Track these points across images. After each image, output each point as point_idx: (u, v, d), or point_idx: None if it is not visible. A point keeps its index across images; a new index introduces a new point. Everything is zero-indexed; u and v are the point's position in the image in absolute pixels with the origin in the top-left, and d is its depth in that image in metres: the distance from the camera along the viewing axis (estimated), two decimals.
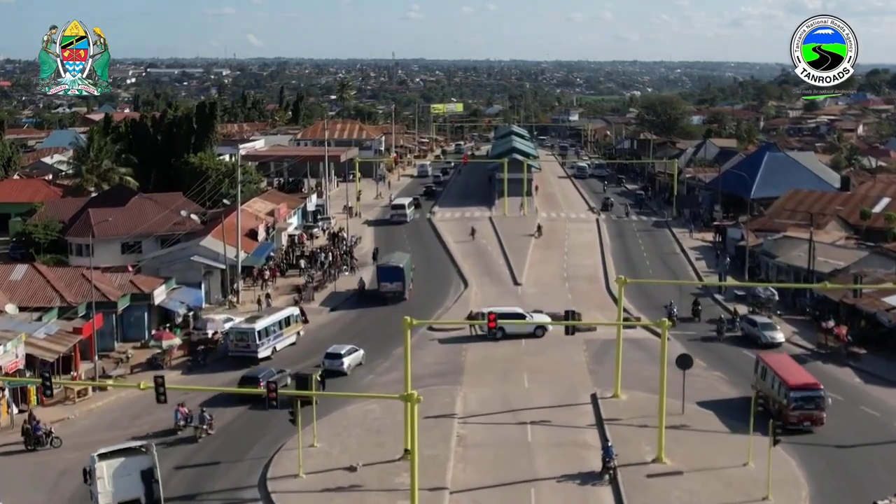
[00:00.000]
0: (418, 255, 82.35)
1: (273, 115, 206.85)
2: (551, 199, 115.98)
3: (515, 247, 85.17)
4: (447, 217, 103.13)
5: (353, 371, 54.04)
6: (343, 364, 53.41)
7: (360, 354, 55.50)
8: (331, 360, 53.52)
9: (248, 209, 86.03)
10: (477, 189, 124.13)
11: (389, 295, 69.49)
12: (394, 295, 69.57)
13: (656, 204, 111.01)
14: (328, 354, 54.07)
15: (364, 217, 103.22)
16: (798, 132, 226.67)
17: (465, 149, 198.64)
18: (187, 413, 44.87)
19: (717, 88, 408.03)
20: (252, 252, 73.84)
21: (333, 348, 54.75)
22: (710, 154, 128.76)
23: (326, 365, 52.81)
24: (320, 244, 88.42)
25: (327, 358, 53.69)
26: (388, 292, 69.52)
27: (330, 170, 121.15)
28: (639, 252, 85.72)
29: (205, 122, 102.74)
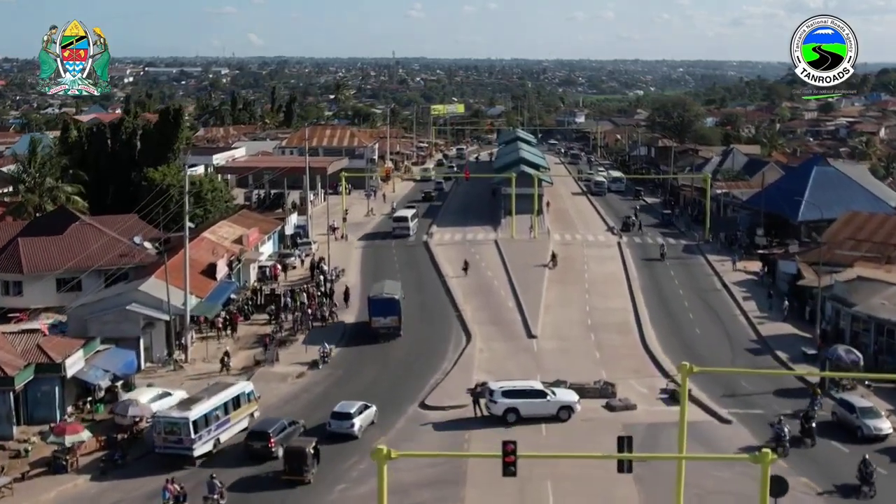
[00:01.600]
0: (412, 293, 67.85)
1: (263, 118, 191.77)
2: (564, 217, 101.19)
3: (527, 282, 70.49)
4: (446, 240, 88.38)
5: (364, 432, 43.61)
6: (354, 426, 43.31)
7: (372, 412, 45.02)
8: (339, 420, 43.46)
9: (212, 236, 71.53)
10: (480, 203, 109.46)
11: (383, 331, 58.13)
12: (388, 331, 58.17)
13: (683, 223, 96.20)
14: (335, 414, 43.71)
15: (352, 238, 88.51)
16: (817, 135, 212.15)
17: (467, 153, 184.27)
18: (178, 491, 36.58)
19: (724, 88, 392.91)
20: (207, 296, 59.19)
21: (342, 406, 44.20)
22: (737, 163, 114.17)
23: (333, 427, 43.26)
24: (297, 279, 73.67)
25: (334, 418, 43.55)
26: (381, 328, 58.22)
27: (316, 182, 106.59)
28: (672, 287, 71.04)
29: (169, 130, 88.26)
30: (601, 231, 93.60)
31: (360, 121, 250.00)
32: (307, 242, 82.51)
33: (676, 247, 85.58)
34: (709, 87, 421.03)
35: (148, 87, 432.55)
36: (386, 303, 58.28)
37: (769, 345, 57.19)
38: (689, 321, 62.42)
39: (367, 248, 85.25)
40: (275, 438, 41.10)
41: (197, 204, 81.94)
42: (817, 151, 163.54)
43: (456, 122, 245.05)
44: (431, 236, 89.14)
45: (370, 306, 59.08)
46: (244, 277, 70.19)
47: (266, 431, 41.49)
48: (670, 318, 62.92)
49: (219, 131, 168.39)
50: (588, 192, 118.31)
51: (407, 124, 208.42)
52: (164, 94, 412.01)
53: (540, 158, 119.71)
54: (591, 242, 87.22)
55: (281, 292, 66.95)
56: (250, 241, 73.16)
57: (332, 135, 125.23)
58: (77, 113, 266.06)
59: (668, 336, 59.02)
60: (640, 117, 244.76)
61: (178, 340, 55.81)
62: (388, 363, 54.54)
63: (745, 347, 57.41)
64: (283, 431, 41.87)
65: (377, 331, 58.02)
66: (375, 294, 59.63)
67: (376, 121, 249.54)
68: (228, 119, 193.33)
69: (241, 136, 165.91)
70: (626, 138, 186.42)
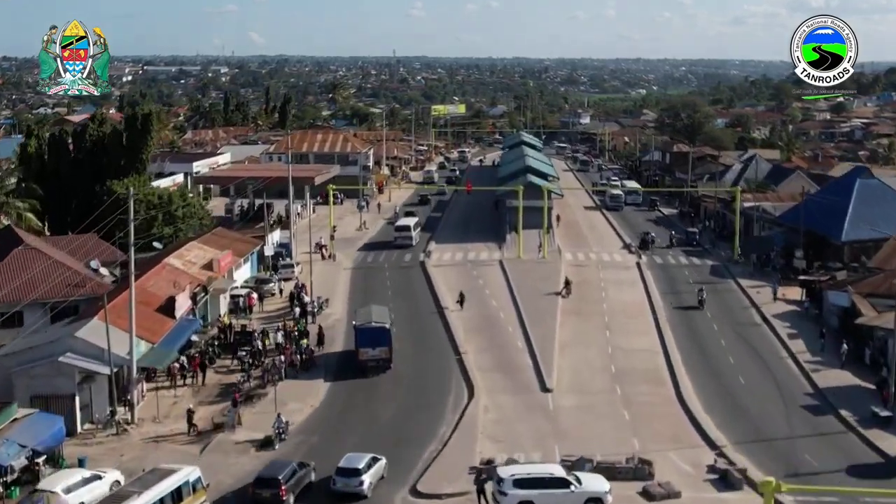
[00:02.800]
0: (405, 328, 58.24)
1: (256, 119, 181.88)
2: (576, 232, 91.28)
3: (538, 314, 60.65)
4: (445, 260, 78.54)
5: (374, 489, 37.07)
6: (363, 483, 36.73)
7: (381, 465, 38.51)
8: (345, 477, 36.88)
9: (177, 261, 61.82)
10: (482, 215, 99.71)
11: (372, 364, 50.73)
12: (377, 363, 50.80)
13: (707, 238, 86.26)
14: (341, 470, 37.13)
15: (341, 258, 78.71)
16: (831, 137, 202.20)
17: (469, 156, 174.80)
18: None
19: (729, 87, 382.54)
20: (161, 340, 49.37)
21: (348, 460, 37.60)
22: (760, 171, 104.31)
23: (339, 485, 36.83)
24: (276, 311, 63.88)
25: (340, 475, 37.01)
26: (369, 360, 50.81)
27: (304, 192, 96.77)
28: (705, 320, 61.15)
29: (136, 137, 78.36)
30: (617, 249, 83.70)
31: (358, 121, 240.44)
32: (289, 265, 72.66)
33: (702, 268, 75.73)
34: (713, 86, 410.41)
35: (146, 86, 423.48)
36: (375, 332, 50.94)
37: (829, 400, 47.37)
38: (730, 367, 52.55)
39: (357, 270, 75.39)
40: (286, 485, 35.63)
41: (166, 222, 72.43)
42: (835, 154, 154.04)
43: (457, 123, 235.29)
44: (429, 255, 79.27)
45: (357, 336, 51.33)
46: (213, 311, 60.36)
47: (276, 478, 35.77)
48: (707, 362, 53.10)
49: (207, 134, 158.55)
50: (603, 207, 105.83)
51: (406, 125, 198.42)
52: (161, 93, 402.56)
53: (548, 166, 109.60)
54: (608, 263, 77.33)
55: (254, 328, 57.15)
56: (222, 266, 63.36)
57: (323, 140, 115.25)
58: (69, 113, 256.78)
59: (708, 387, 49.23)
60: (646, 118, 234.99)
61: (123, 396, 46.05)
62: (375, 421, 44.82)
63: (800, 403, 47.59)
64: (294, 476, 36.51)
65: (365, 364, 50.43)
66: (362, 323, 51.88)
67: (375, 121, 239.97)
68: (220, 120, 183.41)
69: (232, 140, 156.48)
70: (634, 141, 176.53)
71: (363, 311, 55.54)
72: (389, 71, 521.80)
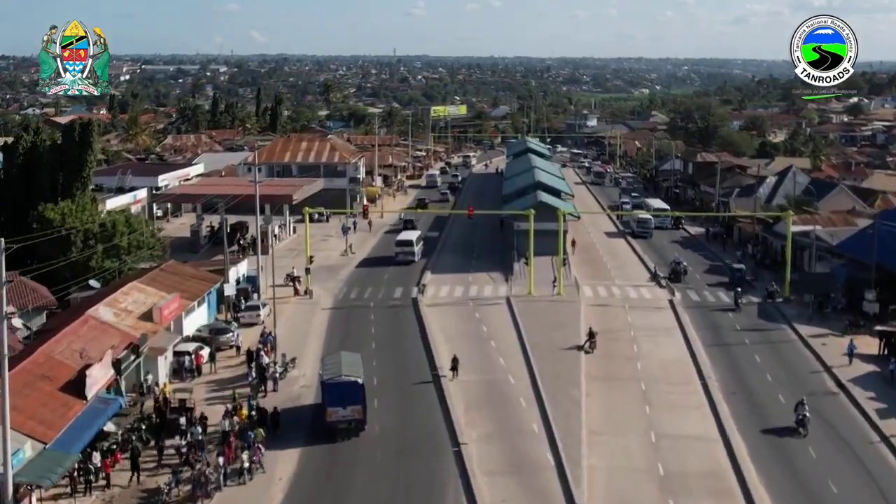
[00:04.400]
0: (390, 398, 45.21)
1: (244, 122, 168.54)
2: (593, 259, 78.08)
3: (557, 380, 47.40)
4: (443, 297, 65.28)
5: None
6: None
7: None
8: None
9: (108, 310, 48.78)
10: (486, 236, 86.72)
11: (342, 425, 40.89)
12: (348, 425, 40.95)
13: (747, 267, 72.93)
14: None
15: (319, 294, 65.59)
16: (852, 141, 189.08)
17: (473, 161, 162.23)
18: None
19: (735, 87, 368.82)
20: (54, 440, 36.07)
21: None
22: (798, 185, 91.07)
23: None
24: (231, 378, 50.61)
25: None
26: (339, 421, 40.90)
27: (283, 210, 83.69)
28: (767, 389, 47.73)
29: (75, 153, 65.17)
30: (643, 280, 70.49)
31: (355, 122, 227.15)
32: (254, 306, 59.40)
33: (749, 309, 62.41)
34: (719, 85, 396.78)
35: (143, 85, 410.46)
36: (346, 388, 41.03)
37: None
38: (813, 463, 39.23)
39: (337, 312, 62.16)
40: None
41: (108, 254, 59.32)
42: (860, 160, 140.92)
43: (458, 125, 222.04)
44: (423, 290, 66.03)
45: (324, 392, 41.93)
46: (152, 375, 47.12)
47: None
48: (782, 456, 39.82)
49: (189, 139, 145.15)
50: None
51: (405, 127, 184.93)
52: (158, 92, 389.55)
53: (560, 180, 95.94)
54: (635, 301, 64.07)
55: (193, 405, 43.88)
56: (164, 315, 50.16)
57: (307, 148, 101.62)
58: (56, 114, 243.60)
59: (791, 501, 36.00)
60: (656, 120, 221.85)
61: None
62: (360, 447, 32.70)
63: None
64: None
65: (334, 425, 40.82)
66: (331, 376, 41.97)
67: (373, 122, 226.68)
68: (205, 123, 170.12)
69: (215, 145, 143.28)
70: (646, 146, 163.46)
71: (331, 362, 44.52)
72: (390, 70, 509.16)
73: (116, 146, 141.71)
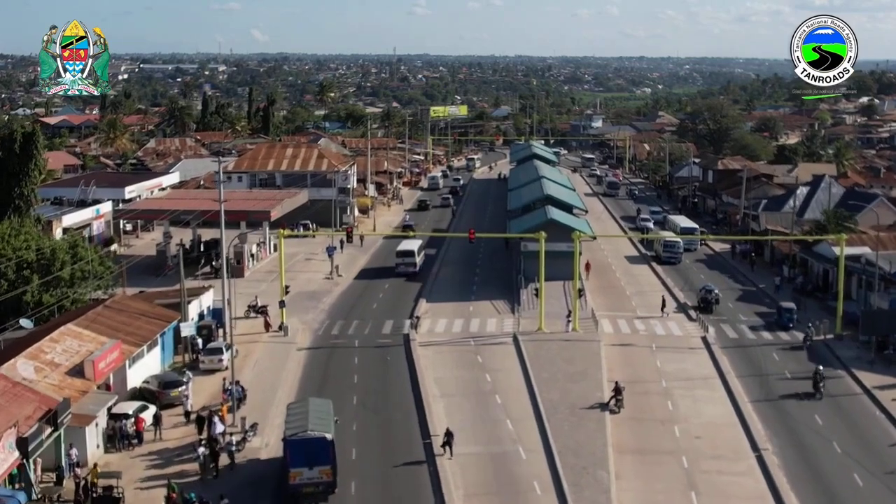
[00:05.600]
0: (368, 484, 35.66)
1: (233, 125, 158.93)
2: (610, 284, 68.34)
3: (580, 456, 37.73)
4: (439, 334, 55.60)
5: None
6: None
7: None
8: None
9: (31, 363, 39.35)
10: (490, 255, 77.16)
11: (308, 489, 33.87)
12: (315, 488, 33.95)
13: (792, 299, 63.03)
14: None
15: (295, 330, 55.99)
16: (868, 143, 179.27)
17: (477, 164, 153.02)
18: None
19: (740, 87, 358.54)
20: None
21: None
22: (833, 197, 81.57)
23: None
24: (174, 448, 40.94)
25: None
26: (303, 485, 33.83)
27: (263, 226, 74.24)
28: (836, 464, 38.15)
29: (15, 166, 55.59)
30: (669, 310, 60.80)
31: (353, 123, 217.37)
32: (216, 349, 49.68)
33: (797, 350, 52.83)
34: (723, 85, 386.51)
35: (140, 84, 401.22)
36: (313, 445, 34.03)
37: None
38: None
39: (314, 353, 52.53)
40: None
41: (46, 286, 49.85)
42: (881, 165, 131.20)
43: (458, 126, 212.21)
44: (417, 325, 56.39)
45: (287, 450, 34.62)
46: (77, 451, 37.50)
47: None
48: None
49: (173, 143, 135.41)
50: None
51: (404, 128, 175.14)
52: (156, 91, 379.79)
53: (570, 191, 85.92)
54: (663, 339, 54.43)
55: (122, 491, 34.36)
56: (99, 369, 40.61)
57: (293, 155, 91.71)
58: (47, 114, 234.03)
59: None
60: (663, 121, 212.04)
61: None
62: None
63: None
64: None
65: (298, 489, 33.84)
66: (294, 432, 34.86)
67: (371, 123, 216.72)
68: (192, 126, 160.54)
69: (201, 149, 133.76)
70: (656, 149, 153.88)
71: (297, 412, 37.09)
72: (390, 69, 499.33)
73: (96, 150, 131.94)
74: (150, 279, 65.06)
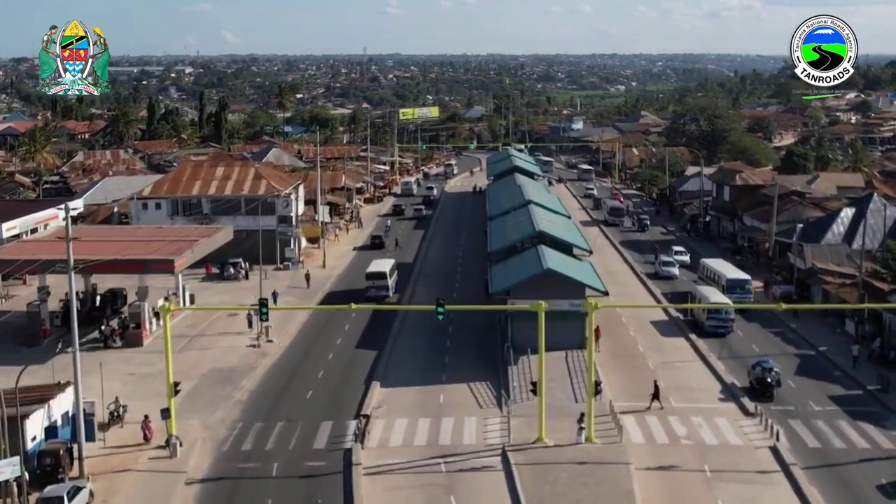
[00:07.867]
0: None
1: (179, 133, 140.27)
2: (631, 362, 49.70)
3: None
4: (395, 448, 37.78)
5: None
6: None
7: None
8: None
9: None
10: (467, 313, 59.10)
11: None
12: None
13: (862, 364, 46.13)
14: None
15: (186, 452, 38.21)
16: (870, 143, 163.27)
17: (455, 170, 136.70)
18: None
19: (718, 83, 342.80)
20: None
21: None
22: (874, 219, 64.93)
23: None
24: None
25: None
26: None
27: (177, 276, 56.21)
28: None
29: None
30: (714, 398, 43.51)
31: (318, 126, 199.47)
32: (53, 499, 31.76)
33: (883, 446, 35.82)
34: (700, 82, 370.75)
35: None
36: None
37: None
38: None
39: (209, 491, 34.74)
40: None
41: None
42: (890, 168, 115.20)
43: (429, 129, 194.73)
44: (365, 433, 38.75)
45: None
46: None
47: None
48: None
49: (104, 156, 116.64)
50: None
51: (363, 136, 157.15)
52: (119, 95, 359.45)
53: (565, 220, 67.47)
54: (716, 452, 36.99)
55: None
56: None
57: (224, 176, 73.15)
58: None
59: None
60: (647, 121, 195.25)
61: None
62: None
63: None
64: None
65: None
66: None
67: (336, 126, 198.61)
68: (132, 135, 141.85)
69: (138, 162, 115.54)
70: (649, 155, 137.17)
71: None
72: (360, 69, 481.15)
73: (15, 165, 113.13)
74: (18, 352, 48.02)
